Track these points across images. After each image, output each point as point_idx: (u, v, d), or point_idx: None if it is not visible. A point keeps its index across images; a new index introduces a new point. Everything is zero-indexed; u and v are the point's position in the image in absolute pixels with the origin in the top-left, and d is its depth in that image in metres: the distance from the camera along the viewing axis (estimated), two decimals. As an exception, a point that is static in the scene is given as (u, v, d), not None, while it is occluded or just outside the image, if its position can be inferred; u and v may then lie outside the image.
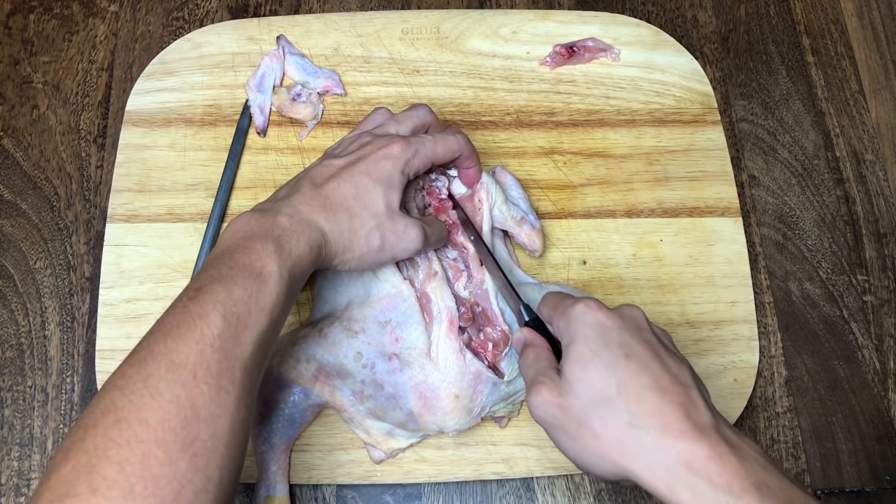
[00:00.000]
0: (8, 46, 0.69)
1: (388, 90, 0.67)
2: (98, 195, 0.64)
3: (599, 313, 0.43)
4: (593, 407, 0.40)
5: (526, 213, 0.59)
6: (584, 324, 0.43)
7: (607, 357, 0.41)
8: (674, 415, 0.39)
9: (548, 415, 0.42)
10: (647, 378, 0.40)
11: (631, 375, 0.40)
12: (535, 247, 0.59)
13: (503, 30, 0.69)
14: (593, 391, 0.41)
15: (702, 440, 0.38)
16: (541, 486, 0.58)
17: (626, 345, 0.42)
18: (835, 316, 0.64)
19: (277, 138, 0.65)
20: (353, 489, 0.57)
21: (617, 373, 0.41)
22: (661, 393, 0.39)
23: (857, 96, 0.71)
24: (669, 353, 0.43)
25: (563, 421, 0.41)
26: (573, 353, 0.42)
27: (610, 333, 0.42)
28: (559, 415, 0.42)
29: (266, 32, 0.69)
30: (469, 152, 0.54)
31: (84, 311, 0.61)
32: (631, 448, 0.39)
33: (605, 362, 0.41)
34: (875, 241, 0.66)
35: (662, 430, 0.38)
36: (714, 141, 0.67)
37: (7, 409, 0.58)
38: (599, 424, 0.40)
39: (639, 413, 0.39)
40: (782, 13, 0.74)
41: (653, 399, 0.39)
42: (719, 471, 0.37)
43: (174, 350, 0.37)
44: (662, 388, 0.40)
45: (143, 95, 0.66)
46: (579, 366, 0.42)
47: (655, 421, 0.39)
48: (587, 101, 0.68)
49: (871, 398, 0.61)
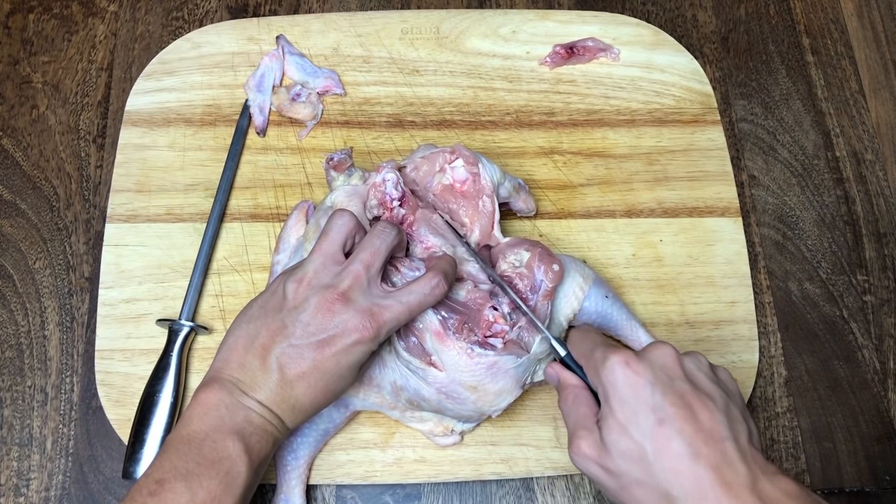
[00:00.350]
0: (7, 46, 0.69)
1: (387, 90, 0.67)
2: (97, 195, 0.64)
3: (629, 370, 0.44)
4: (631, 474, 0.42)
5: (515, 178, 0.60)
6: (616, 385, 0.44)
7: (641, 425, 0.42)
8: (708, 480, 0.39)
9: (589, 471, 0.44)
10: (681, 444, 0.41)
11: (665, 443, 0.41)
12: (532, 207, 0.60)
13: (503, 30, 0.69)
14: (630, 459, 0.42)
15: (744, 496, 0.39)
16: (540, 486, 0.58)
17: (658, 408, 0.42)
18: (835, 316, 0.63)
19: (277, 138, 0.65)
20: (352, 489, 0.57)
21: (652, 441, 0.41)
22: (696, 459, 0.40)
23: (857, 96, 0.71)
24: (702, 399, 0.43)
25: (605, 480, 0.44)
26: (609, 419, 0.43)
27: (642, 393, 0.43)
28: (600, 473, 0.44)
29: (266, 32, 0.69)
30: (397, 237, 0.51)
31: (83, 311, 0.61)
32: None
33: (639, 431, 0.42)
34: (875, 241, 0.66)
35: (699, 498, 0.39)
36: (714, 141, 0.66)
37: (7, 409, 0.58)
38: (640, 492, 0.42)
39: (674, 483, 0.40)
40: (782, 13, 0.74)
41: (687, 467, 0.40)
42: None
43: None
44: (696, 454, 0.40)
45: (143, 95, 0.66)
46: (615, 433, 0.43)
47: (692, 490, 0.40)
48: (587, 100, 0.68)
49: (870, 398, 0.61)
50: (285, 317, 0.46)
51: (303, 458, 0.54)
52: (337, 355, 0.46)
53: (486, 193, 0.56)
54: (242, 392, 0.45)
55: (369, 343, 0.46)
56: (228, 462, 0.41)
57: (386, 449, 0.57)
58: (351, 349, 0.46)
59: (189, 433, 0.42)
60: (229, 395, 0.44)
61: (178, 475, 0.39)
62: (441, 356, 0.50)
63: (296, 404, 0.46)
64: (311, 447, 0.54)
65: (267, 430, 0.44)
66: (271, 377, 0.45)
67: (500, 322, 0.51)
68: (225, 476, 0.40)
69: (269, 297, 0.48)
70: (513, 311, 0.52)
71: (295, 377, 0.45)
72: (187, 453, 0.41)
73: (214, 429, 0.42)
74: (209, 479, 0.40)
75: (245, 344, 0.46)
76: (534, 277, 0.53)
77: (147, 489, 0.39)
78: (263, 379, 0.45)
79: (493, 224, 0.56)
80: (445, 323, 0.50)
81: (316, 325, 0.46)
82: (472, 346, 0.50)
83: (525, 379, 0.52)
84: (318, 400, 0.46)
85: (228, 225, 0.62)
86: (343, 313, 0.46)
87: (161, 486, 0.38)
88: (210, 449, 0.41)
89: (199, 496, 0.39)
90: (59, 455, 0.57)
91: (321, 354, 0.45)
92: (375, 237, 0.49)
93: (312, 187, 0.64)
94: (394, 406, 0.54)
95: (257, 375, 0.45)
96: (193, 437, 0.42)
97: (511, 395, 0.52)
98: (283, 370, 0.45)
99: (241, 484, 0.41)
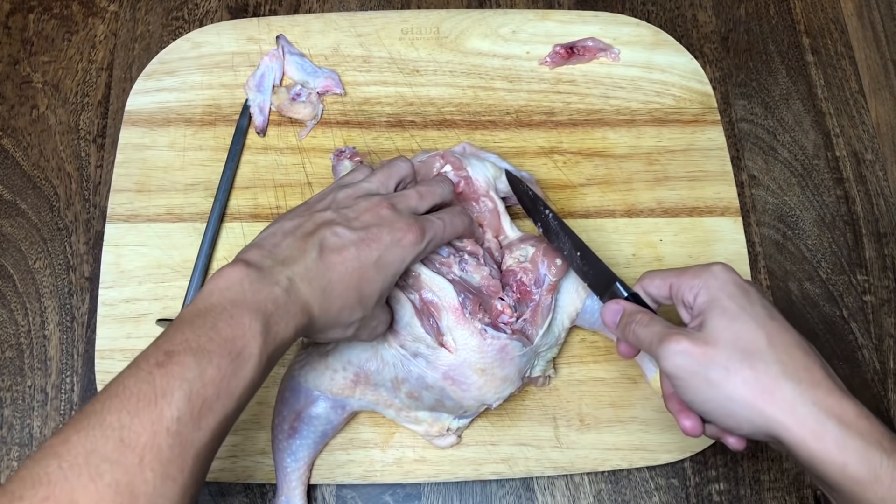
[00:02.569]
0: (7, 46, 0.69)
1: (387, 90, 0.67)
2: (97, 195, 0.64)
3: (736, 275, 0.45)
4: (744, 356, 0.41)
5: (517, 171, 0.60)
6: (727, 282, 0.44)
7: (755, 313, 0.43)
8: (820, 373, 0.41)
9: (689, 363, 0.42)
10: (792, 337, 0.42)
11: (778, 333, 0.42)
12: (539, 194, 0.60)
13: (503, 29, 0.69)
14: (743, 342, 0.42)
15: (850, 399, 0.40)
16: (540, 486, 0.58)
17: (768, 307, 0.43)
18: (835, 316, 0.63)
19: (277, 138, 0.65)
20: (352, 489, 0.57)
21: (765, 328, 0.42)
22: (806, 352, 0.42)
23: (856, 96, 0.71)
24: None
25: (708, 368, 0.41)
26: (718, 308, 0.43)
27: (752, 294, 0.44)
28: (703, 362, 0.42)
29: (266, 32, 0.69)
30: (470, 232, 0.54)
31: (83, 311, 0.61)
32: (781, 397, 0.40)
33: (753, 317, 0.42)
34: (875, 241, 0.66)
35: (813, 384, 0.40)
36: (714, 141, 0.67)
37: (7, 409, 0.58)
38: (750, 372, 0.41)
39: (789, 365, 0.41)
40: (782, 13, 0.74)
41: (800, 355, 0.41)
42: (870, 429, 0.39)
43: (126, 427, 0.34)
44: (806, 349, 0.42)
45: (143, 95, 0.66)
46: (726, 318, 0.43)
47: (805, 375, 0.40)
48: (587, 100, 0.68)
49: (871, 398, 0.61)
50: (333, 212, 0.46)
51: (302, 459, 0.54)
52: (380, 249, 0.45)
53: (481, 194, 0.57)
54: (273, 265, 0.42)
55: (413, 248, 0.47)
56: (242, 341, 0.38)
57: (386, 449, 0.57)
58: (394, 248, 0.46)
59: (206, 306, 0.39)
60: (257, 270, 0.41)
61: (188, 349, 0.37)
62: (454, 335, 0.51)
63: (327, 287, 0.43)
64: (310, 449, 0.55)
65: (291, 311, 0.41)
66: (309, 254, 0.43)
67: (508, 312, 0.52)
68: (237, 356, 0.38)
69: (317, 199, 0.48)
70: (518, 304, 0.53)
71: (334, 258, 0.44)
72: (201, 327, 0.38)
73: (234, 304, 0.39)
74: (220, 356, 0.37)
75: (286, 230, 0.45)
76: (538, 272, 0.54)
77: (155, 359, 0.37)
78: (300, 255, 0.43)
79: (501, 220, 0.57)
80: (464, 303, 0.51)
81: (364, 220, 0.46)
82: (485, 326, 0.51)
83: (525, 371, 0.54)
84: (349, 295, 0.44)
85: (228, 225, 0.62)
86: (391, 216, 0.47)
87: (169, 357, 0.36)
88: (225, 325, 0.38)
89: (207, 373, 0.37)
90: (59, 455, 0.57)
91: (366, 244, 0.45)
92: (436, 183, 0.52)
93: (312, 187, 0.64)
94: (390, 403, 0.54)
95: (294, 252, 0.43)
96: (210, 310, 0.39)
97: (513, 385, 0.53)
98: (322, 249, 0.44)
99: (251, 366, 0.39)
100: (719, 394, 0.41)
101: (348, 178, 0.51)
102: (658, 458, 0.57)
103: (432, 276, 0.51)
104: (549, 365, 0.57)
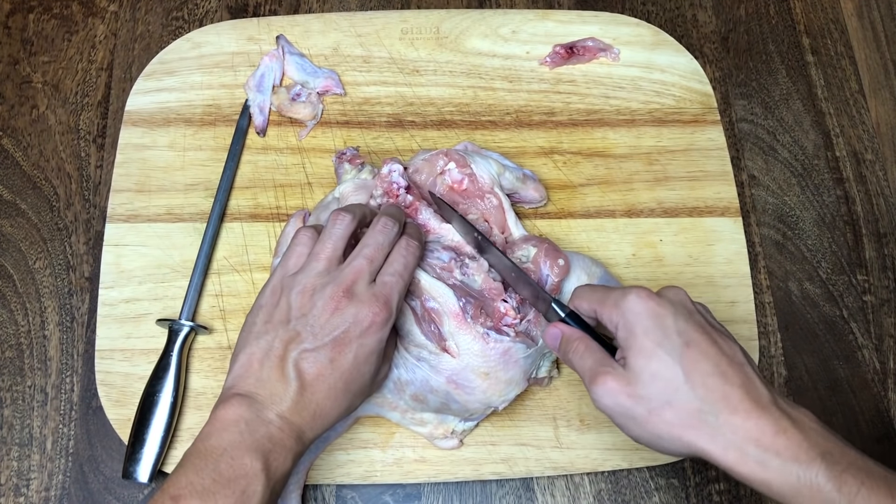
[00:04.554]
0: (7, 46, 0.69)
1: (387, 90, 0.67)
2: (97, 195, 0.64)
3: (651, 302, 0.45)
4: (663, 395, 0.42)
5: (519, 168, 0.60)
6: (640, 315, 0.44)
7: (669, 347, 0.43)
8: (737, 396, 0.41)
9: (616, 404, 0.44)
10: (709, 364, 0.42)
11: (694, 364, 0.43)
12: (543, 196, 0.61)
13: (503, 29, 0.69)
14: (661, 381, 0.43)
15: (766, 417, 0.41)
16: (540, 486, 0.58)
17: (683, 332, 0.44)
18: (835, 316, 0.63)
19: (277, 138, 0.65)
20: (352, 489, 0.57)
21: (681, 362, 0.43)
22: (723, 377, 0.42)
23: (856, 96, 0.71)
24: (718, 332, 0.45)
25: (633, 409, 0.43)
26: (636, 346, 0.44)
27: (666, 322, 0.44)
28: (629, 404, 0.43)
29: (265, 32, 0.69)
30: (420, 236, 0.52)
31: (83, 311, 0.61)
32: (702, 430, 0.41)
33: (669, 352, 0.43)
34: (875, 241, 0.66)
35: (731, 411, 0.41)
36: (714, 141, 0.66)
37: (6, 409, 0.58)
38: (671, 412, 0.42)
39: (707, 399, 0.42)
40: (782, 13, 0.74)
41: (717, 384, 0.42)
42: (786, 444, 0.40)
43: None
44: (723, 373, 0.42)
45: (143, 95, 0.66)
46: (643, 357, 0.43)
47: (722, 405, 0.41)
48: (587, 100, 0.68)
49: (871, 398, 0.61)
50: (296, 325, 0.46)
51: (301, 464, 0.54)
52: (354, 349, 0.46)
53: (486, 191, 0.57)
54: (262, 406, 0.44)
55: (384, 325, 0.47)
56: (245, 480, 0.41)
57: (386, 449, 0.57)
58: (366, 338, 0.46)
59: (207, 448, 0.41)
60: (249, 409, 0.43)
61: (193, 492, 0.39)
62: (457, 340, 0.51)
63: (317, 409, 0.45)
64: (310, 453, 0.55)
65: (287, 445, 0.44)
66: (290, 386, 0.45)
67: (511, 314, 0.52)
68: (241, 495, 0.40)
69: (272, 311, 0.47)
70: (521, 305, 0.53)
71: (314, 379, 0.45)
72: (204, 469, 0.40)
73: (233, 445, 0.42)
74: (225, 497, 0.39)
75: (260, 358, 0.46)
76: (540, 272, 0.54)
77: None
78: (283, 389, 0.45)
79: (505, 216, 0.57)
80: (465, 308, 0.51)
81: (328, 325, 0.46)
82: (488, 331, 0.51)
83: (531, 372, 0.54)
84: (340, 402, 0.46)
85: (228, 225, 0.62)
86: (351, 307, 0.46)
87: (176, 502, 0.38)
88: (227, 466, 0.41)
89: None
90: (59, 455, 0.57)
91: (338, 351, 0.45)
92: (378, 233, 0.49)
93: (312, 187, 0.64)
94: (394, 406, 0.54)
95: (276, 387, 0.45)
96: (211, 452, 0.41)
97: (518, 387, 0.53)
98: (301, 376, 0.45)
99: (257, 501, 0.41)
100: (646, 431, 0.43)
101: (293, 262, 0.49)
102: (658, 458, 0.57)
103: (432, 283, 0.51)
104: (553, 365, 0.57)
